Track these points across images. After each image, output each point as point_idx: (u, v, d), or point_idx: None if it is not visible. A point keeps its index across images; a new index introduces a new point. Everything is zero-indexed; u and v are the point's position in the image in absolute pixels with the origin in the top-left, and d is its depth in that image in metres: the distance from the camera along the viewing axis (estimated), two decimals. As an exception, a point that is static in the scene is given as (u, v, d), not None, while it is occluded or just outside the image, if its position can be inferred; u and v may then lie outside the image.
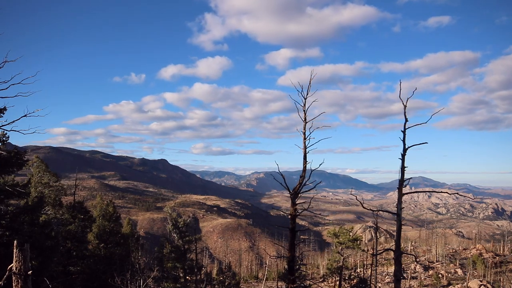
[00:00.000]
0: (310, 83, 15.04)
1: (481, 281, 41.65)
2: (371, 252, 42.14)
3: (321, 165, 15.07)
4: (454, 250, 61.27)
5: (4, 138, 15.90)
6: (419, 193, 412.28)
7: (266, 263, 68.72)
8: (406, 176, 13.03)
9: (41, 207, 19.02)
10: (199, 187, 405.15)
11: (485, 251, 56.73)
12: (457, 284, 43.57)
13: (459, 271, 49.72)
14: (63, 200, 25.66)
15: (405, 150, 12.93)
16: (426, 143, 13.38)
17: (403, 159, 12.93)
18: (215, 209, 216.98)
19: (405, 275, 45.37)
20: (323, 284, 43.22)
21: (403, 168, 12.91)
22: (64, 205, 24.90)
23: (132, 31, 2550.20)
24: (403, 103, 13.23)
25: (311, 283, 41.67)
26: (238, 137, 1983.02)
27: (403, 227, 13.63)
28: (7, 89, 11.90)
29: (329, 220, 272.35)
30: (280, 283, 42.83)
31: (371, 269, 39.04)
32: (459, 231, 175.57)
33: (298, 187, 14.92)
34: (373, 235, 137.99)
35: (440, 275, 46.25)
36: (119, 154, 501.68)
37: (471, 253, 56.40)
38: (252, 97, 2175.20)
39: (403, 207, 13.63)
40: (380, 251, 30.16)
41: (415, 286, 44.47)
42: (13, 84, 11.94)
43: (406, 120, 13.08)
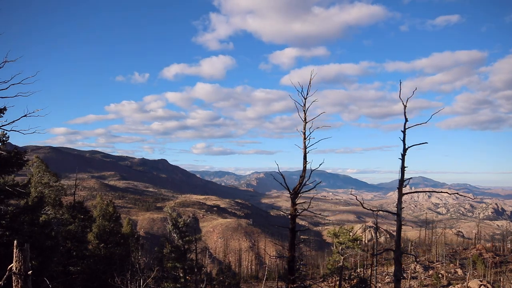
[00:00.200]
0: (310, 83, 15.04)
1: (481, 281, 41.66)
2: (371, 252, 42.15)
3: (321, 165, 15.07)
4: (454, 250, 61.28)
5: (4, 138, 15.90)
6: (419, 193, 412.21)
7: (266, 263, 68.76)
8: (406, 176, 13.04)
9: (41, 207, 19.01)
10: (199, 187, 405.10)
11: (485, 251, 56.74)
12: (457, 284, 43.58)
13: (459, 271, 49.73)
14: (63, 200, 25.66)
15: (405, 150, 12.95)
16: (426, 143, 13.40)
17: (403, 159, 12.94)
18: (215, 209, 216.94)
19: (405, 275, 45.36)
20: (323, 284, 43.21)
21: (403, 168, 12.92)
22: (64, 205, 24.90)
23: (135, 31, 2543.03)
24: (403, 103, 13.28)
25: (311, 283, 41.71)
26: (240, 137, 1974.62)
27: (403, 227, 13.63)
28: (7, 89, 11.91)
29: (329, 220, 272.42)
30: (280, 283, 42.84)
31: (371, 269, 39.06)
32: (459, 231, 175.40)
33: (298, 187, 14.92)
34: (373, 235, 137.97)
35: (440, 275, 46.25)
36: (119, 154, 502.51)
37: (471, 253, 56.40)
38: (255, 96, 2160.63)
39: (403, 207, 13.64)
40: (380, 251, 30.18)
41: (415, 286, 44.47)
42: (13, 84, 11.94)
43: (406, 120, 13.13)
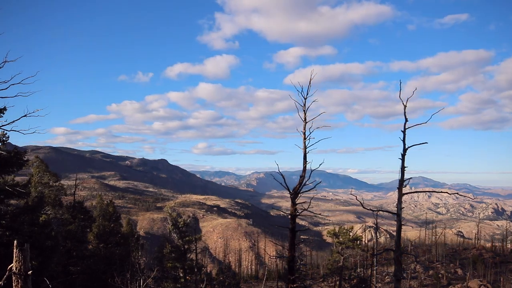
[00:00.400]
0: (310, 83, 15.05)
1: (481, 281, 41.67)
2: (371, 252, 42.16)
3: (321, 165, 15.07)
4: (454, 250, 61.23)
5: (4, 138, 15.90)
6: (419, 193, 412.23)
7: (266, 263, 68.74)
8: (406, 176, 13.06)
9: (41, 207, 19.02)
10: (199, 187, 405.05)
11: (485, 251, 56.72)
12: (457, 284, 43.59)
13: (459, 271, 49.72)
14: (63, 200, 25.67)
15: (405, 150, 12.96)
16: (426, 143, 13.42)
17: (403, 159, 12.95)
18: (215, 209, 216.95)
19: (405, 275, 45.37)
20: (323, 284, 43.21)
21: (403, 168, 12.93)
22: (64, 205, 24.91)
23: (139, 31, 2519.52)
24: (403, 103, 13.31)
25: (311, 283, 41.74)
26: (242, 137, 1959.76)
27: (403, 227, 13.63)
28: (7, 89, 11.93)
29: (329, 220, 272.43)
30: (280, 283, 42.83)
31: (371, 269, 39.06)
32: (459, 231, 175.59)
33: (298, 187, 14.91)
34: (373, 235, 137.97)
35: (440, 275, 46.25)
36: (119, 154, 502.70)
37: (471, 253, 56.37)
38: (258, 96, 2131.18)
39: (403, 207, 13.64)
40: (380, 251, 30.18)
41: (415, 286, 44.48)
42: (13, 84, 11.96)
43: (406, 120, 13.17)
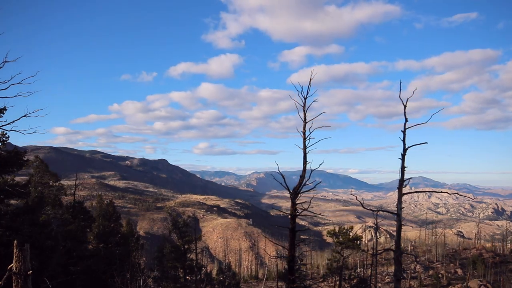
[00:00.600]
0: (310, 83, 15.04)
1: (481, 281, 41.68)
2: (371, 252, 42.16)
3: (321, 165, 15.06)
4: (454, 250, 61.18)
5: (4, 138, 15.90)
6: (419, 193, 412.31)
7: (266, 263, 68.75)
8: (407, 176, 13.08)
9: (41, 207, 19.03)
10: (199, 187, 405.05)
11: (485, 251, 56.69)
12: (457, 284, 43.61)
13: (459, 271, 49.74)
14: (63, 200, 25.65)
15: (405, 150, 12.98)
16: (426, 143, 13.44)
17: (403, 159, 12.96)
18: (215, 209, 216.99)
19: (405, 275, 45.39)
20: (323, 284, 43.22)
21: (403, 168, 12.94)
22: (64, 205, 24.89)
23: (143, 29, 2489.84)
24: (403, 103, 13.34)
25: (311, 283, 41.73)
26: (244, 137, 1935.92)
27: (403, 227, 13.64)
28: (7, 89, 11.95)
29: (329, 220, 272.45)
30: (280, 283, 42.83)
31: (371, 269, 39.07)
32: (459, 231, 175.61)
33: (298, 187, 14.91)
34: (373, 235, 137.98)
35: (440, 275, 46.25)
36: (119, 154, 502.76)
37: (471, 253, 56.36)
38: (262, 95, 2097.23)
39: (403, 207, 13.65)
40: (380, 251, 30.18)
41: (415, 286, 44.49)
42: (13, 84, 11.99)
43: (406, 120, 13.20)
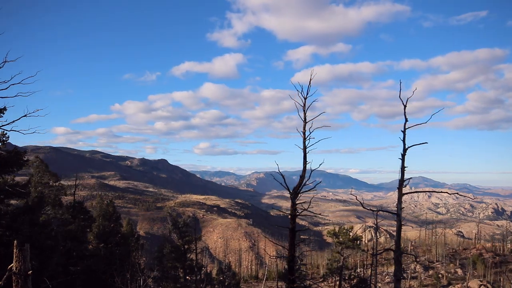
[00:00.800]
0: (310, 83, 15.02)
1: (481, 281, 41.71)
2: (371, 252, 42.15)
3: (321, 165, 15.04)
4: (454, 250, 61.18)
5: (4, 138, 15.90)
6: (419, 193, 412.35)
7: (266, 263, 68.72)
8: (407, 176, 13.07)
9: (41, 207, 19.03)
10: (199, 187, 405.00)
11: (485, 251, 56.70)
12: (457, 284, 43.64)
13: (459, 271, 49.74)
14: (63, 200, 25.64)
15: (405, 150, 12.98)
16: (426, 143, 13.44)
17: (403, 159, 12.96)
18: (215, 209, 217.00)
19: (405, 275, 45.39)
20: (323, 284, 43.22)
21: (403, 168, 12.94)
22: (64, 205, 24.89)
23: (145, 30, 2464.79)
24: (403, 103, 13.34)
25: (311, 283, 41.71)
26: (246, 137, 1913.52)
27: (403, 227, 13.64)
28: (7, 89, 11.95)
29: (329, 220, 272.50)
30: (280, 283, 42.83)
31: (371, 269, 39.06)
32: (459, 231, 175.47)
33: (298, 187, 14.91)
34: (373, 235, 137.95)
35: (440, 275, 46.26)
36: (119, 154, 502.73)
37: (471, 253, 56.37)
38: (265, 95, 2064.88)
39: (403, 207, 13.65)
40: (380, 251, 30.16)
41: (415, 286, 44.51)
42: (13, 84, 11.99)
43: (406, 120, 13.20)
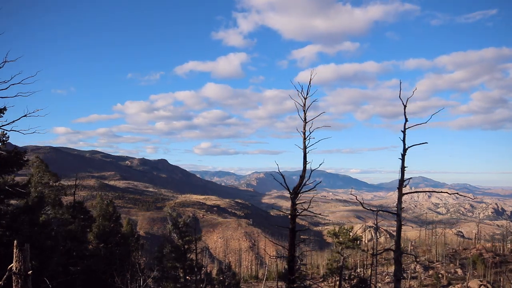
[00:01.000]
0: (310, 83, 15.03)
1: (481, 281, 41.72)
2: (371, 252, 42.16)
3: (321, 165, 15.05)
4: (454, 250, 61.20)
5: (4, 138, 15.90)
6: (419, 193, 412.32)
7: (266, 263, 68.73)
8: (407, 176, 13.06)
9: (41, 207, 19.02)
10: (199, 187, 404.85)
11: (485, 251, 56.71)
12: (457, 284, 43.64)
13: (459, 271, 49.75)
14: (63, 200, 25.64)
15: (405, 150, 12.98)
16: (426, 143, 13.43)
17: (403, 159, 12.96)
18: (215, 209, 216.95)
19: (405, 275, 45.38)
20: (323, 284, 43.22)
21: (403, 168, 12.94)
22: (64, 205, 24.88)
23: (148, 30, 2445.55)
24: (403, 103, 13.34)
25: (311, 283, 41.74)
26: (248, 137, 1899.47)
27: (403, 227, 13.63)
28: (7, 89, 11.93)
29: (329, 220, 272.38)
30: (280, 283, 42.84)
31: (371, 269, 39.08)
32: (459, 231, 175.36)
33: (298, 187, 14.91)
34: (373, 235, 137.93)
35: (440, 275, 46.26)
36: (120, 154, 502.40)
37: (471, 253, 56.37)
38: (268, 94, 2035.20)
39: (403, 207, 13.65)
40: (380, 251, 30.17)
41: (415, 286, 44.51)
42: (13, 84, 11.97)
43: (406, 120, 13.19)
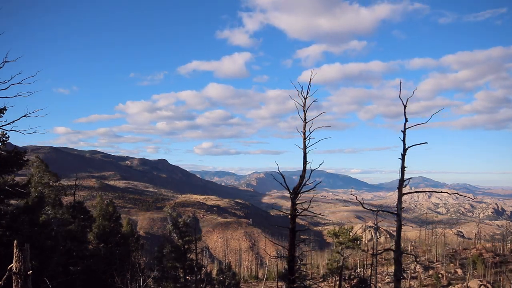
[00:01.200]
0: (310, 83, 15.03)
1: (481, 281, 41.71)
2: (371, 252, 42.18)
3: (321, 165, 15.05)
4: (454, 250, 61.21)
5: (4, 138, 15.90)
6: (419, 193, 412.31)
7: (266, 263, 68.73)
8: (407, 176, 13.05)
9: (41, 207, 19.02)
10: (199, 187, 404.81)
11: (485, 251, 56.72)
12: (457, 284, 43.63)
13: (459, 271, 49.75)
14: (63, 200, 25.64)
15: (405, 150, 12.96)
16: (426, 143, 13.42)
17: (403, 159, 12.95)
18: (215, 209, 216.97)
19: (405, 275, 45.38)
20: (323, 284, 43.23)
21: (403, 168, 12.93)
22: (64, 205, 24.89)
23: (149, 30, 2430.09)
24: (403, 103, 13.31)
25: (311, 283, 41.73)
26: (250, 137, 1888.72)
27: (403, 227, 13.63)
28: (7, 89, 11.94)
29: (329, 220, 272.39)
30: (280, 283, 42.85)
31: (371, 269, 39.09)
32: (459, 231, 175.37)
33: (298, 187, 14.91)
34: (373, 235, 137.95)
35: (440, 275, 46.26)
36: (120, 154, 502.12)
37: (471, 253, 56.38)
38: (271, 94, 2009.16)
39: (403, 207, 13.64)
40: (380, 251, 30.18)
41: (415, 286, 44.51)
42: (13, 84, 11.97)
43: (406, 120, 13.16)
